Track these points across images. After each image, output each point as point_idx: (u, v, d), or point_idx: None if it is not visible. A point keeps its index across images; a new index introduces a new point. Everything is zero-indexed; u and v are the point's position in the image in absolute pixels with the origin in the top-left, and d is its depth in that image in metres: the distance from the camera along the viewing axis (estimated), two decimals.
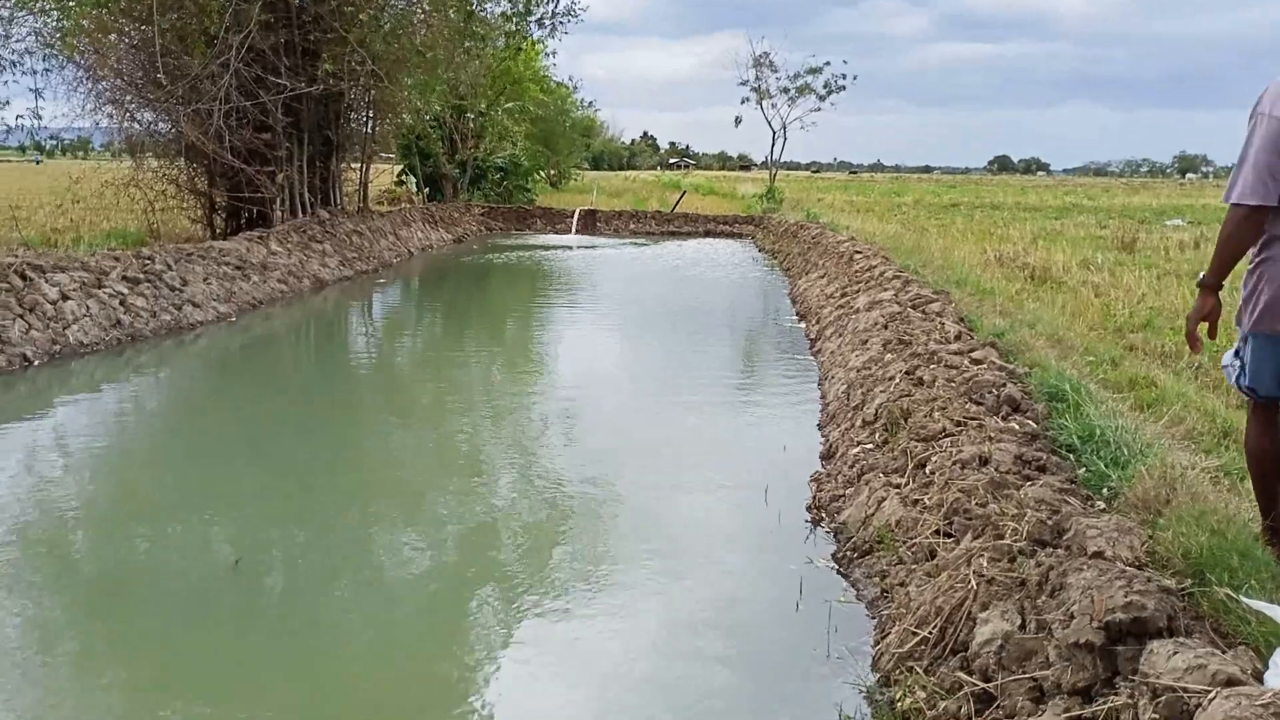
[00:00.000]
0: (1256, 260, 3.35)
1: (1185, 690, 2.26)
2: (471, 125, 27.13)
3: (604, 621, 3.98)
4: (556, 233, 26.25)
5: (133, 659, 3.68)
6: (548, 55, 25.12)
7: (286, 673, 3.60)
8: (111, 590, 4.23)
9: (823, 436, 6.69)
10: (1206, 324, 3.44)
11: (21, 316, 8.50)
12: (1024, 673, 2.82)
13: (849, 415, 6.60)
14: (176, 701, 3.35)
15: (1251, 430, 3.51)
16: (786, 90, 32.11)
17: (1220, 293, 3.39)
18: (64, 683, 3.44)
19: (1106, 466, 3.97)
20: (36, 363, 8.20)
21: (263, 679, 3.55)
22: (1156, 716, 2.28)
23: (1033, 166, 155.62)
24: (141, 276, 10.28)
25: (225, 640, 3.81)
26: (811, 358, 9.56)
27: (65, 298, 9.06)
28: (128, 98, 14.61)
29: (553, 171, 41.91)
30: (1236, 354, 3.49)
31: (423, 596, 4.31)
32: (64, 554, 4.63)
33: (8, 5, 13.31)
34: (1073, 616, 2.76)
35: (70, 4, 13.58)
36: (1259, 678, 2.34)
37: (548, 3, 18.17)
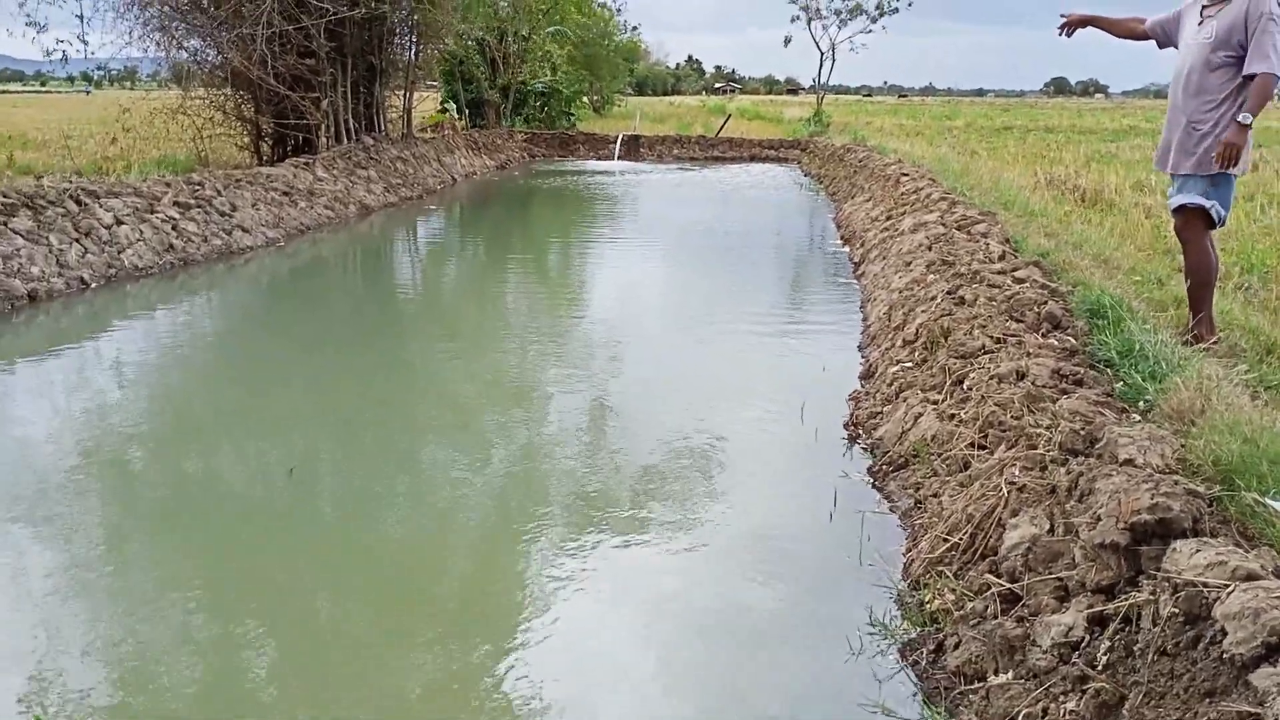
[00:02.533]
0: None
1: (1205, 585, 2.32)
2: (514, 49, 26.89)
3: (645, 533, 4.09)
4: (599, 159, 26.10)
5: (194, 565, 3.86)
6: None
7: (342, 576, 3.77)
8: (172, 501, 4.43)
9: (863, 357, 6.72)
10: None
11: (78, 240, 8.72)
12: (1050, 573, 2.89)
13: (889, 336, 6.61)
14: (237, 605, 3.54)
15: (1204, 249, 5.03)
16: (839, 12, 31.44)
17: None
18: (130, 590, 3.63)
19: (1144, 380, 3.97)
20: (94, 285, 8.43)
21: (319, 583, 3.72)
22: (1176, 610, 2.34)
23: (1090, 88, 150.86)
24: (192, 202, 10.46)
25: (283, 548, 3.99)
26: (855, 281, 9.53)
27: (119, 222, 9.26)
28: (174, 24, 14.68)
29: (596, 97, 41.50)
30: (1208, 197, 4.91)
31: (473, 508, 4.45)
32: (126, 467, 4.84)
33: None
34: (1099, 519, 2.81)
35: None
36: (1279, 575, 2.38)
37: None
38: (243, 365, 6.86)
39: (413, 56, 19.90)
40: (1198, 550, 2.46)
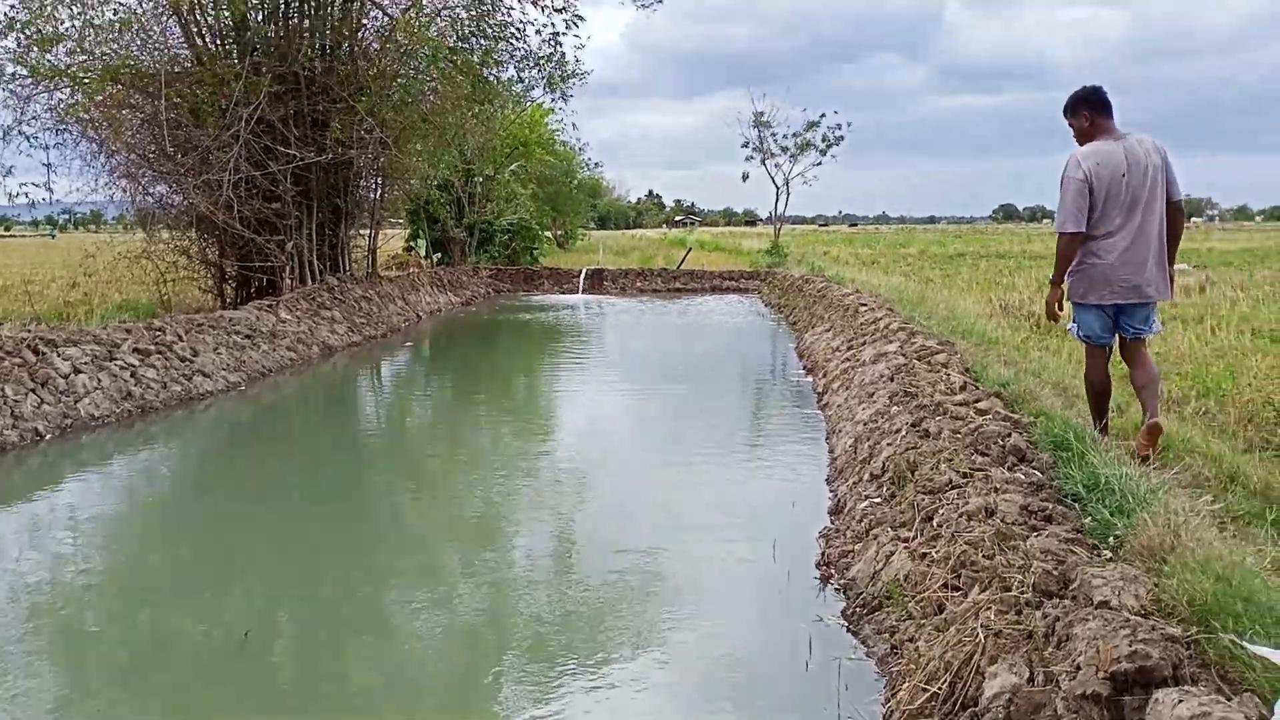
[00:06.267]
0: (1076, 264, 5.72)
1: None
2: (479, 188, 27.48)
3: (617, 680, 3.96)
4: (564, 292, 26.43)
5: None
6: (559, 117, 25.69)
7: None
8: (124, 664, 4.24)
9: (831, 491, 6.68)
10: (1057, 305, 5.87)
11: (34, 391, 8.59)
12: None
13: (857, 469, 6.60)
14: None
15: (1090, 366, 5.95)
16: (787, 149, 32.51)
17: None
18: None
19: (1111, 515, 3.97)
20: (48, 437, 8.27)
21: None
22: None
23: (1038, 214, 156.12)
24: (152, 348, 10.39)
25: (238, 716, 3.81)
26: (819, 411, 9.57)
27: (77, 371, 9.16)
28: (141, 171, 14.88)
29: (559, 232, 42.32)
30: (1073, 320, 5.97)
31: (438, 664, 4.30)
32: (77, 629, 4.65)
33: (26, 84, 13.64)
34: (1079, 668, 2.75)
35: (85, 80, 13.91)
36: None
37: (554, 67, 18.06)
38: (200, 517, 6.68)
39: (378, 197, 20.24)
40: (1180, 700, 2.40)
